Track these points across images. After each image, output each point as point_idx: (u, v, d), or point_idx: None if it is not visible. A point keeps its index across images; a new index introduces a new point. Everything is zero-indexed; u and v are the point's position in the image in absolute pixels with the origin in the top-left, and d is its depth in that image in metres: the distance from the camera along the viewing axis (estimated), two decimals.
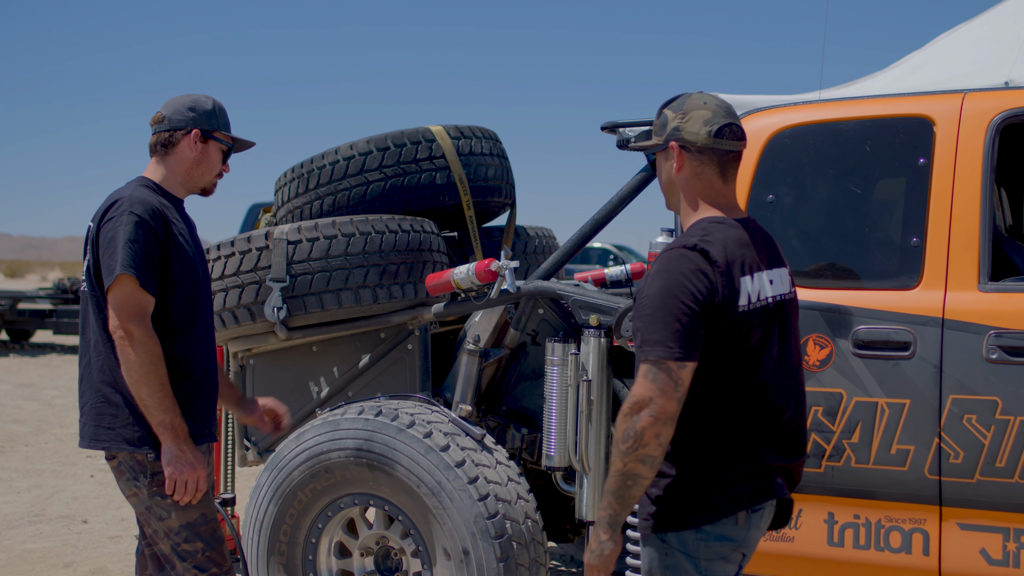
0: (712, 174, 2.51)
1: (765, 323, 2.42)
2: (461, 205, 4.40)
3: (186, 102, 3.16)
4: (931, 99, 3.28)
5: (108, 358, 2.96)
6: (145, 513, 3.02)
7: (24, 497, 7.10)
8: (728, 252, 2.37)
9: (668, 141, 2.53)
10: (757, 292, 2.40)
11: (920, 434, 3.02)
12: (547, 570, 3.57)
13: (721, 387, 2.39)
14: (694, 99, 2.55)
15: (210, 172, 3.20)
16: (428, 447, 3.46)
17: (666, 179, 2.59)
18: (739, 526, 2.40)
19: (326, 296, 3.90)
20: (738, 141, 2.53)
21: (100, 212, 2.99)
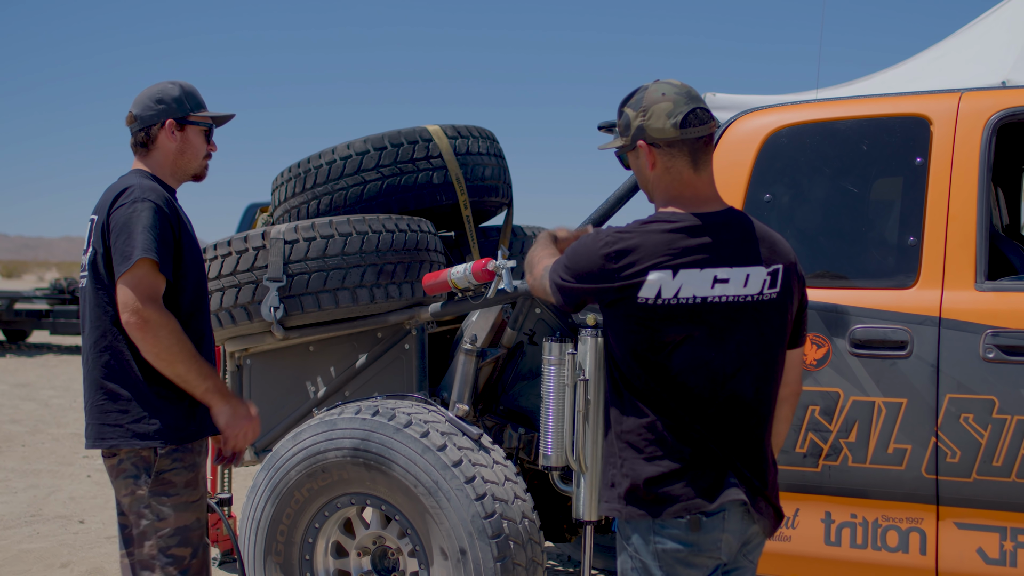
0: (683, 166, 2.46)
1: (690, 322, 2.36)
2: (458, 205, 4.40)
3: (153, 94, 3.12)
4: (928, 98, 3.29)
5: (114, 352, 2.93)
6: (139, 513, 2.96)
7: (21, 497, 7.09)
8: (642, 247, 2.36)
9: (635, 141, 2.49)
10: (677, 289, 2.34)
11: (917, 433, 3.02)
12: (544, 570, 3.56)
13: (647, 381, 2.40)
14: (651, 92, 2.49)
15: (196, 157, 3.16)
16: (425, 447, 3.45)
17: (642, 178, 2.56)
18: (692, 531, 2.36)
19: (323, 296, 3.89)
20: (705, 124, 2.46)
21: (108, 202, 2.95)
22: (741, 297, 2.39)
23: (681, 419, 2.39)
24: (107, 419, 2.94)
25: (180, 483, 2.98)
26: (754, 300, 2.41)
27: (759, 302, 2.42)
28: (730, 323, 2.39)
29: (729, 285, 2.38)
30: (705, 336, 2.38)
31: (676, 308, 2.35)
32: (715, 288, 2.37)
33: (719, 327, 2.39)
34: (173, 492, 2.96)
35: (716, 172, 3.38)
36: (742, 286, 2.39)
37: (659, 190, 2.50)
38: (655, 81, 2.54)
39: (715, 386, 2.40)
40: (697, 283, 2.35)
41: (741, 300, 2.39)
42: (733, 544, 2.42)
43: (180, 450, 2.97)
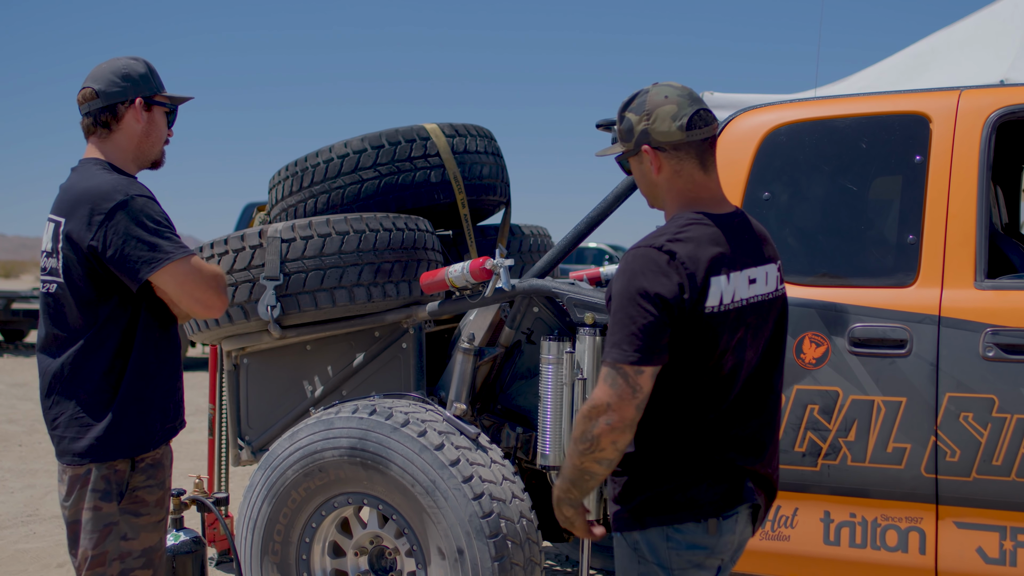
0: (692, 168, 2.40)
1: (738, 326, 2.31)
2: (456, 203, 4.39)
3: (116, 69, 2.90)
4: (927, 96, 3.27)
5: (93, 364, 2.79)
6: (100, 531, 2.78)
7: (17, 497, 7.07)
8: (700, 251, 2.28)
9: (639, 146, 2.43)
10: (732, 293, 2.29)
11: (916, 432, 3.00)
12: (542, 569, 3.55)
13: (686, 388, 2.31)
14: (654, 95, 2.43)
15: (159, 141, 2.97)
16: (422, 446, 3.44)
17: (645, 182, 2.49)
18: (710, 534, 2.33)
19: (320, 294, 3.88)
20: (709, 126, 2.41)
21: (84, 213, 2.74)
22: (767, 295, 2.41)
23: (713, 425, 2.33)
24: (83, 433, 2.79)
25: (151, 501, 2.88)
26: (773, 296, 2.43)
27: (776, 298, 2.45)
28: (762, 322, 2.39)
29: (758, 285, 2.38)
30: (747, 338, 2.35)
31: (729, 313, 2.29)
32: (751, 289, 2.35)
33: (755, 327, 2.37)
34: (144, 511, 2.85)
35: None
36: (765, 284, 2.40)
37: (672, 194, 2.43)
38: (654, 84, 2.48)
39: (752, 387, 2.38)
40: (741, 285, 2.33)
41: (768, 298, 2.41)
42: (735, 544, 2.42)
43: (154, 466, 2.89)
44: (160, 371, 2.89)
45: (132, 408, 2.82)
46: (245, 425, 4.30)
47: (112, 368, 2.81)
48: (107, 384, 2.81)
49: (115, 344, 2.82)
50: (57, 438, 2.86)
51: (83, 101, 2.92)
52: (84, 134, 2.96)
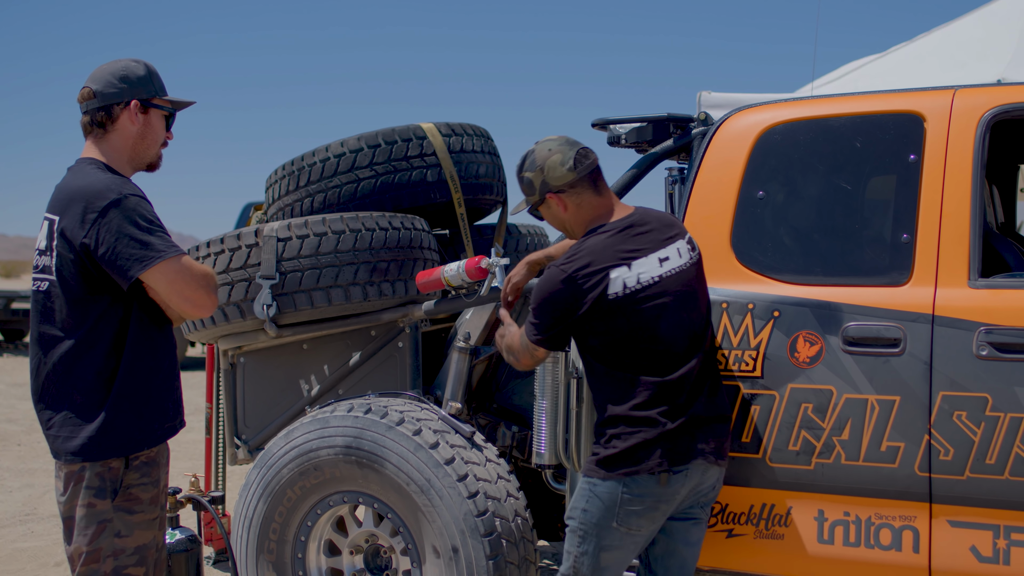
0: (589, 196, 3.03)
1: (659, 297, 2.89)
2: (452, 203, 4.39)
3: (115, 71, 2.91)
4: (922, 95, 3.27)
5: (87, 363, 2.79)
6: (94, 528, 2.79)
7: (16, 496, 7.08)
8: (594, 258, 2.89)
9: (544, 195, 3.06)
10: (637, 277, 2.89)
11: (910, 431, 3.00)
12: (537, 568, 3.55)
13: (628, 356, 2.90)
14: (540, 152, 3.07)
15: (155, 144, 2.97)
16: (417, 444, 3.44)
17: (557, 222, 3.11)
18: (660, 485, 2.85)
19: (316, 294, 3.88)
20: (590, 158, 3.05)
21: (78, 211, 2.74)
22: (683, 265, 2.98)
23: (671, 389, 2.87)
24: (77, 432, 2.79)
25: (145, 499, 2.87)
26: (689, 264, 3.01)
27: (692, 264, 3.02)
28: (686, 287, 2.96)
29: (671, 261, 2.96)
30: (676, 302, 2.92)
31: (642, 290, 2.89)
32: (663, 266, 2.94)
33: (681, 292, 2.94)
34: (138, 509, 2.85)
35: (709, 170, 3.40)
36: (679, 257, 2.98)
37: (577, 223, 3.06)
38: (537, 143, 3.12)
39: (694, 343, 2.94)
40: (650, 267, 2.92)
41: (685, 267, 2.98)
42: (684, 494, 2.92)
43: (149, 464, 2.88)
44: (156, 370, 2.89)
45: (126, 407, 2.82)
46: (241, 424, 4.31)
47: (105, 367, 2.81)
48: (100, 383, 2.81)
49: (108, 343, 2.82)
50: (51, 437, 2.86)
51: (82, 100, 2.94)
52: (83, 133, 2.97)
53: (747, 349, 3.19)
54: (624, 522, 2.89)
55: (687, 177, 3.52)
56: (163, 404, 2.92)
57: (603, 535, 2.91)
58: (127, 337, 2.83)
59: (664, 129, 3.76)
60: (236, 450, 4.35)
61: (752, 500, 3.20)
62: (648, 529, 2.94)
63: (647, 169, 3.79)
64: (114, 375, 2.82)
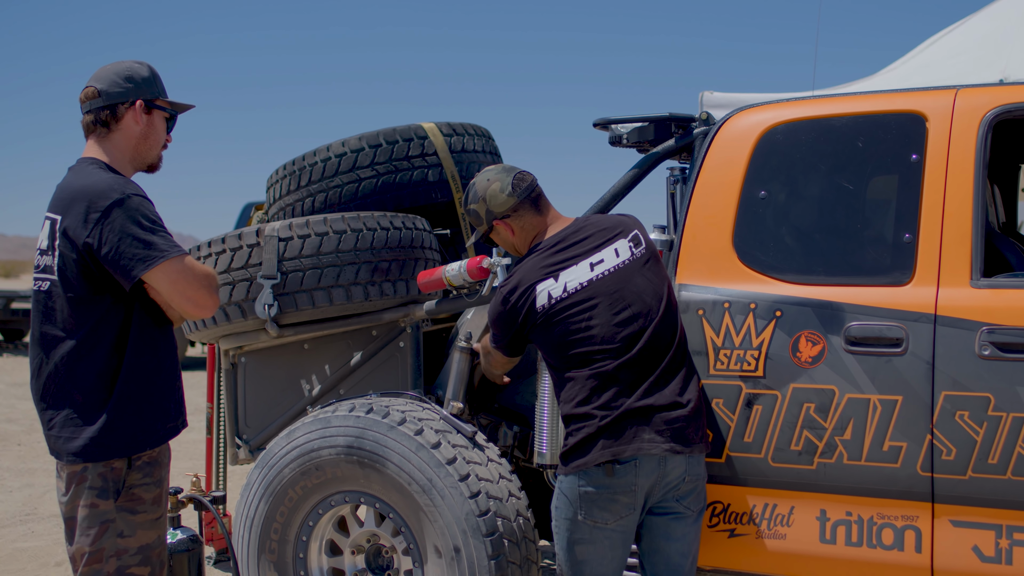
0: (530, 216, 3.25)
1: (584, 300, 3.02)
2: (453, 202, 4.39)
3: (120, 71, 2.93)
4: (924, 95, 3.27)
5: (89, 363, 2.79)
6: (97, 528, 2.79)
7: (16, 496, 7.08)
8: (524, 276, 3.10)
9: (491, 223, 3.28)
10: (564, 286, 3.05)
11: (912, 431, 3.00)
12: (539, 568, 3.55)
13: (567, 358, 3.02)
14: (480, 183, 3.29)
15: (157, 145, 2.99)
16: (419, 444, 3.44)
17: (507, 245, 3.32)
18: (608, 476, 2.93)
19: (317, 293, 3.88)
20: (527, 180, 3.26)
21: (81, 211, 2.74)
22: (621, 264, 3.08)
23: (605, 383, 2.97)
24: (78, 433, 2.78)
25: (148, 499, 2.87)
26: (632, 260, 3.10)
27: (635, 260, 3.11)
28: (623, 284, 3.05)
29: (605, 263, 3.08)
30: (611, 301, 3.03)
31: (569, 296, 3.04)
32: (595, 270, 3.07)
33: (615, 290, 3.04)
34: (141, 509, 2.85)
35: (711, 170, 3.40)
36: (616, 257, 3.09)
37: (523, 244, 3.27)
38: (476, 175, 3.35)
39: (634, 336, 3.00)
40: (578, 274, 3.06)
41: (624, 264, 3.08)
42: (648, 486, 2.96)
43: (151, 464, 2.88)
44: (158, 371, 2.89)
45: (129, 408, 2.82)
46: (243, 424, 4.31)
47: (107, 368, 2.81)
48: (102, 384, 2.81)
49: (110, 344, 2.82)
50: (53, 438, 2.86)
51: (85, 99, 2.94)
52: (84, 132, 2.98)
53: (749, 349, 3.19)
54: (588, 515, 2.98)
55: (689, 177, 3.52)
56: (165, 404, 2.91)
57: (572, 529, 3.02)
58: (129, 337, 2.83)
59: (666, 129, 3.76)
60: (237, 450, 4.34)
61: (754, 500, 3.20)
62: (616, 522, 2.98)
63: (648, 169, 3.78)
64: (116, 375, 2.81)
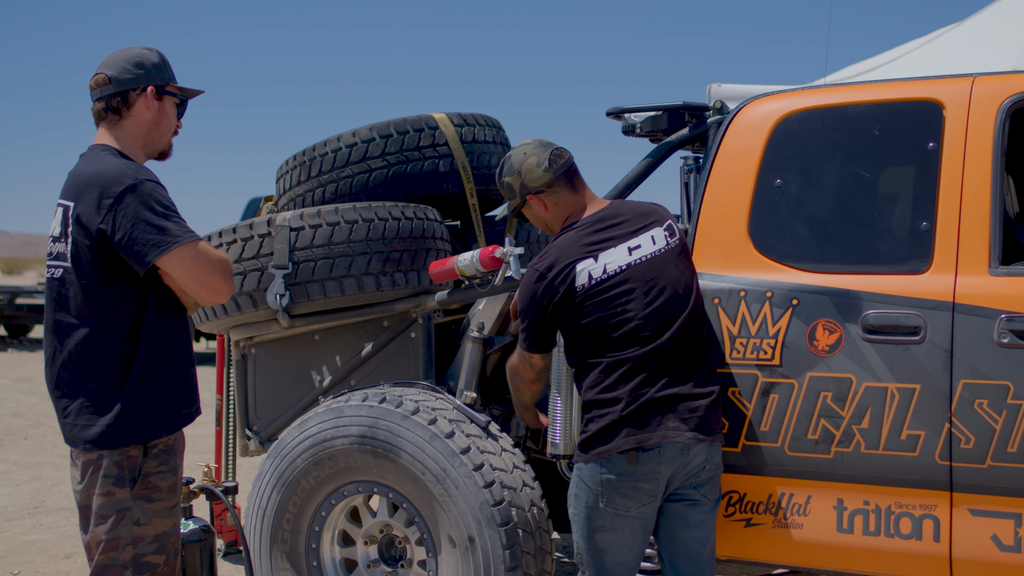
0: (566, 194, 3.19)
1: (621, 283, 2.99)
2: (464, 193, 4.37)
3: (130, 57, 2.91)
4: (941, 83, 3.25)
5: (104, 350, 2.76)
6: (113, 517, 2.77)
7: (24, 489, 7.07)
8: (561, 254, 3.03)
9: (524, 197, 3.22)
10: (604, 267, 3.00)
11: (931, 419, 2.98)
12: (553, 559, 3.53)
13: (596, 343, 2.99)
14: (516, 156, 3.23)
15: (168, 131, 2.98)
16: (433, 434, 3.42)
17: (539, 221, 3.28)
18: (632, 463, 2.92)
19: (329, 283, 3.86)
20: (564, 157, 3.20)
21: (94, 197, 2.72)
22: (656, 252, 3.07)
23: (634, 370, 2.95)
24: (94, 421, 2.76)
25: (164, 487, 2.86)
26: (666, 250, 3.08)
27: (670, 250, 3.09)
28: (658, 273, 3.04)
29: (642, 249, 3.06)
30: (646, 288, 3.01)
31: (609, 279, 3.00)
32: (632, 255, 3.04)
33: (651, 278, 3.02)
34: (157, 497, 2.84)
35: (726, 159, 3.38)
36: (652, 244, 3.07)
37: (556, 221, 3.22)
38: (512, 148, 3.29)
39: (665, 325, 2.99)
40: (617, 257, 3.03)
41: (659, 253, 3.07)
42: (667, 474, 2.96)
43: (167, 452, 2.87)
44: (172, 357, 2.88)
45: (144, 395, 2.80)
46: (253, 415, 4.29)
47: (122, 355, 2.79)
48: (117, 371, 2.79)
49: (124, 331, 2.80)
50: (68, 426, 2.84)
51: (95, 86, 2.92)
52: (95, 120, 2.96)
53: (765, 337, 3.17)
54: (610, 503, 2.96)
55: (703, 166, 3.50)
56: (180, 391, 2.90)
57: (594, 517, 3.00)
58: (143, 323, 2.81)
59: (679, 118, 3.74)
60: (247, 441, 4.33)
61: (770, 489, 3.18)
62: (638, 510, 2.97)
63: (662, 158, 3.76)
64: (131, 362, 2.80)
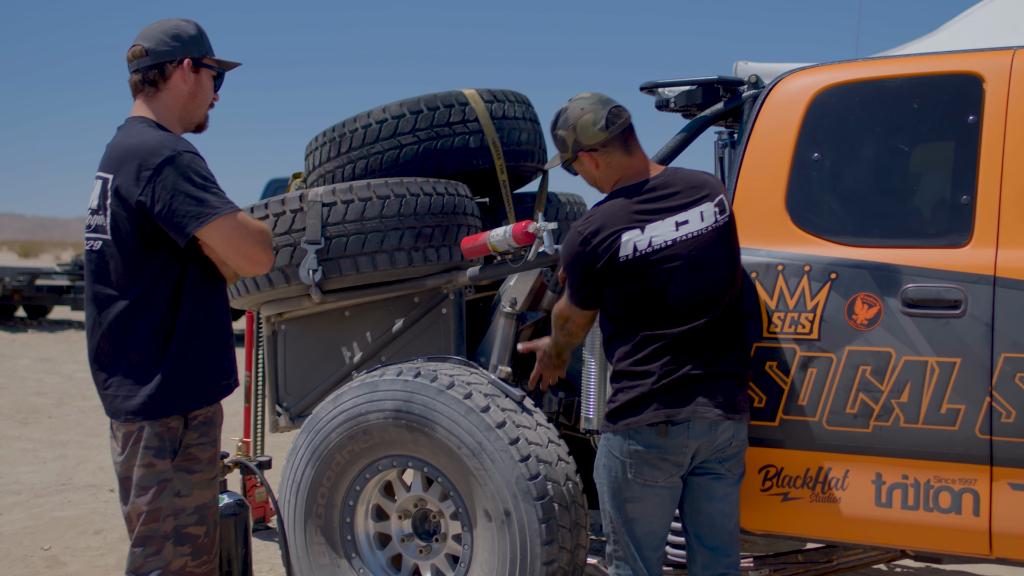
0: (620, 156, 3.09)
1: (670, 260, 2.94)
2: (494, 169, 4.36)
3: (167, 29, 2.91)
4: (980, 56, 3.22)
5: (145, 321, 2.77)
6: (155, 488, 2.79)
7: (50, 467, 7.12)
8: (607, 221, 2.97)
9: (576, 153, 3.13)
10: (649, 240, 2.94)
11: (971, 393, 2.97)
12: (587, 534, 3.54)
13: (633, 315, 2.97)
14: (573, 111, 3.11)
15: (204, 104, 2.98)
16: (468, 408, 3.43)
17: (589, 178, 3.19)
18: (661, 436, 2.93)
19: (361, 258, 3.87)
20: (623, 117, 3.09)
21: (133, 169, 2.73)
22: (704, 229, 2.99)
23: (669, 347, 2.94)
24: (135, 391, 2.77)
25: (204, 459, 2.88)
26: (714, 227, 3.00)
27: (718, 227, 3.01)
28: (703, 251, 2.97)
29: (689, 224, 2.98)
30: (688, 265, 2.95)
31: (653, 253, 2.94)
32: (679, 230, 2.97)
33: (696, 256, 2.96)
34: (197, 468, 2.86)
35: (762, 134, 3.36)
36: (701, 221, 2.99)
37: (606, 181, 3.13)
38: (570, 100, 3.16)
39: (704, 305, 2.96)
40: (664, 230, 2.96)
41: (706, 230, 2.99)
42: (695, 448, 2.96)
43: (207, 423, 2.88)
44: (212, 328, 2.88)
45: (184, 366, 2.81)
46: (283, 391, 4.31)
47: (163, 325, 2.80)
48: (157, 342, 2.80)
49: (165, 302, 2.80)
50: (108, 397, 2.85)
51: (132, 58, 2.92)
52: (132, 92, 2.96)
53: (803, 311, 3.16)
54: (638, 473, 2.97)
55: (738, 141, 3.49)
56: (219, 362, 2.91)
57: (623, 487, 3.01)
58: (183, 294, 2.82)
59: (714, 92, 3.72)
60: (277, 417, 4.34)
61: (808, 463, 3.17)
62: (666, 481, 2.99)
63: (696, 133, 3.74)
64: (171, 333, 2.81)
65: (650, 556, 3.05)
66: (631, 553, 3.04)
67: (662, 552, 3.10)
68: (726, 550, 3.07)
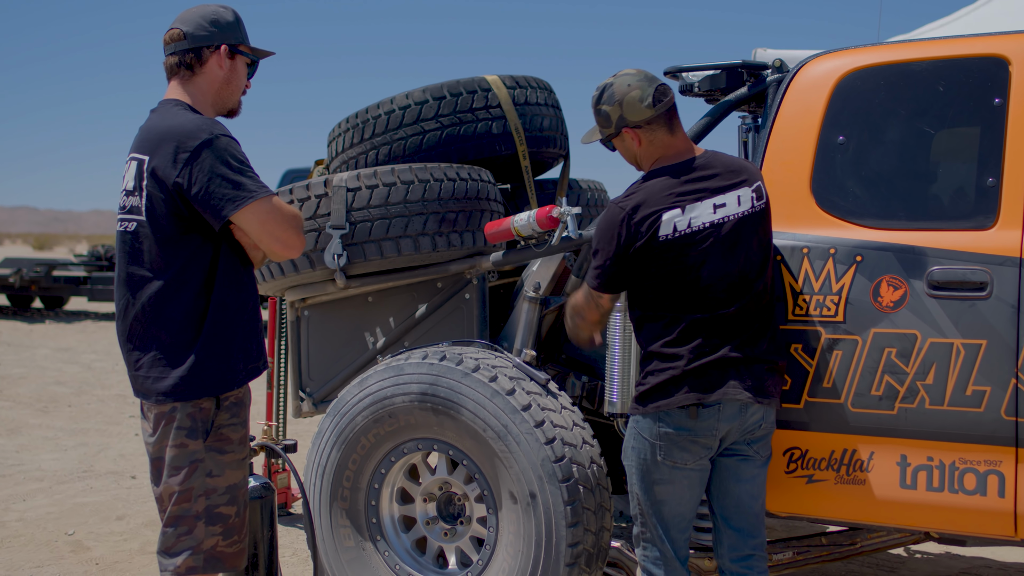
0: (663, 134, 3.07)
1: (706, 243, 2.94)
2: (517, 155, 4.37)
3: (206, 15, 2.94)
4: (1006, 39, 3.22)
5: (177, 303, 2.79)
6: (187, 468, 2.82)
7: (71, 455, 7.18)
8: (650, 198, 2.96)
9: (620, 129, 3.10)
10: (689, 221, 2.94)
11: (996, 375, 2.98)
12: (612, 516, 3.55)
13: (666, 296, 2.97)
14: (619, 86, 3.08)
15: (238, 91, 3.02)
16: (494, 391, 3.45)
17: (629, 155, 3.16)
18: (691, 418, 2.93)
19: (386, 243, 3.89)
20: (669, 95, 3.07)
21: (170, 151, 2.74)
22: (741, 213, 2.99)
23: (701, 331, 2.94)
24: (166, 373, 2.80)
25: (235, 439, 2.90)
26: (750, 212, 3.01)
27: (754, 213, 3.02)
28: (738, 236, 2.98)
29: (727, 208, 2.98)
30: (723, 249, 2.95)
31: (692, 235, 2.94)
32: (717, 213, 2.97)
33: (731, 241, 2.96)
34: (228, 449, 2.88)
35: (787, 117, 3.37)
36: (737, 205, 3.00)
37: (647, 158, 3.11)
38: (615, 75, 3.13)
39: (736, 290, 2.96)
40: (702, 212, 2.96)
41: (743, 215, 2.99)
42: (724, 431, 2.97)
43: (238, 404, 2.91)
44: (242, 310, 2.91)
45: (216, 348, 2.83)
46: (306, 377, 4.33)
47: (195, 307, 2.82)
48: (190, 324, 2.82)
49: (198, 284, 2.83)
50: (140, 378, 2.87)
51: (170, 41, 2.95)
52: (167, 74, 2.98)
53: (829, 294, 3.17)
54: (667, 455, 2.98)
55: (762, 125, 3.49)
56: (248, 344, 2.93)
57: (652, 470, 3.02)
58: (216, 277, 2.84)
59: (738, 77, 3.73)
60: (301, 403, 4.37)
61: (833, 446, 3.19)
62: (695, 463, 3.00)
63: (721, 117, 3.75)
64: (204, 315, 2.83)
65: (677, 538, 3.06)
66: (659, 535, 3.06)
67: (689, 534, 3.12)
68: (752, 531, 3.09)
